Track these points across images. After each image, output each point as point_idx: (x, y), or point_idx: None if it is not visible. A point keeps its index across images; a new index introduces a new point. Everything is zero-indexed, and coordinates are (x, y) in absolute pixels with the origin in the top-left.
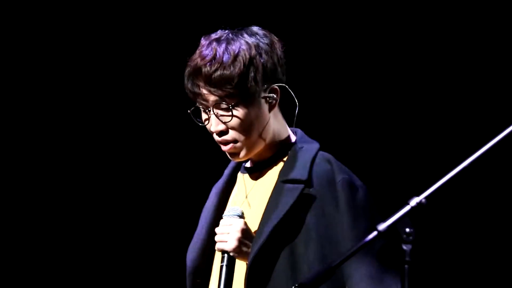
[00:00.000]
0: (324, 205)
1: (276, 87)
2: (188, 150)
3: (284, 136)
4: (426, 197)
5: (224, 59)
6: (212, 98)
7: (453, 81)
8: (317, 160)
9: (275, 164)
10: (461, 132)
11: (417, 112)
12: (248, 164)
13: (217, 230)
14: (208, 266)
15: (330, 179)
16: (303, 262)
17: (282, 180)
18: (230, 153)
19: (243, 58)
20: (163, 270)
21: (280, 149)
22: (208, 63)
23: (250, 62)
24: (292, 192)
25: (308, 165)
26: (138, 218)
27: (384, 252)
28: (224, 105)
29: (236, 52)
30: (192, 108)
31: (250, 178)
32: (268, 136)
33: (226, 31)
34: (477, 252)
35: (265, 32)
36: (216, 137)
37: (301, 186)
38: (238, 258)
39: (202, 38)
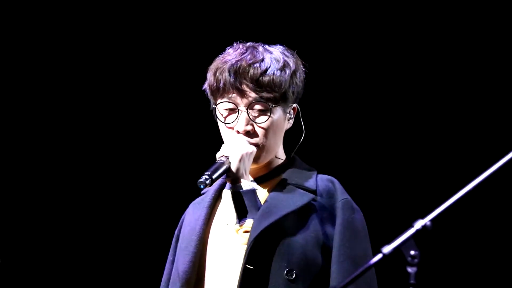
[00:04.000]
0: (323, 217)
1: (296, 106)
2: (178, 152)
3: (281, 156)
4: (431, 220)
5: (274, 62)
6: (252, 97)
7: (456, 105)
8: (319, 178)
9: (268, 181)
10: (467, 155)
11: (424, 134)
12: None
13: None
14: (200, 277)
15: (332, 196)
16: (295, 253)
17: (291, 183)
18: None
19: (290, 67)
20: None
21: (276, 168)
22: (258, 63)
23: (294, 73)
24: (302, 197)
25: (314, 179)
26: (132, 218)
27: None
28: (260, 107)
29: (285, 60)
30: (218, 103)
31: None
32: (277, 151)
33: (253, 43)
34: (481, 274)
35: (293, 52)
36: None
37: (312, 195)
38: (228, 173)
39: (233, 44)
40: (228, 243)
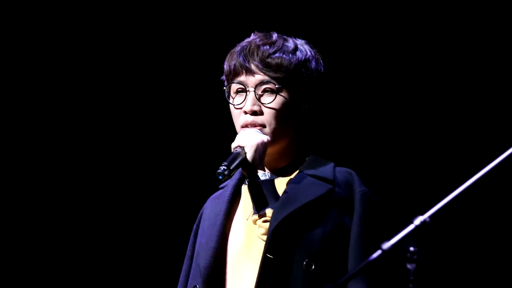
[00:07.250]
0: (342, 208)
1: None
2: (184, 154)
3: (300, 148)
4: (430, 216)
5: (285, 46)
6: (259, 77)
7: (455, 101)
8: (337, 169)
9: (286, 174)
10: (465, 153)
11: (423, 131)
12: None
13: (239, 135)
14: (220, 272)
15: (350, 188)
16: (314, 245)
17: (309, 174)
18: None
19: (302, 52)
20: (160, 271)
21: (294, 161)
22: (268, 45)
23: (307, 59)
24: (321, 187)
25: (331, 170)
26: (134, 219)
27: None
28: (268, 87)
29: (296, 45)
30: (228, 85)
31: None
32: (290, 138)
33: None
34: (480, 270)
35: (312, 46)
36: (246, 118)
37: (330, 186)
38: (244, 165)
39: (252, 33)
40: (248, 237)
